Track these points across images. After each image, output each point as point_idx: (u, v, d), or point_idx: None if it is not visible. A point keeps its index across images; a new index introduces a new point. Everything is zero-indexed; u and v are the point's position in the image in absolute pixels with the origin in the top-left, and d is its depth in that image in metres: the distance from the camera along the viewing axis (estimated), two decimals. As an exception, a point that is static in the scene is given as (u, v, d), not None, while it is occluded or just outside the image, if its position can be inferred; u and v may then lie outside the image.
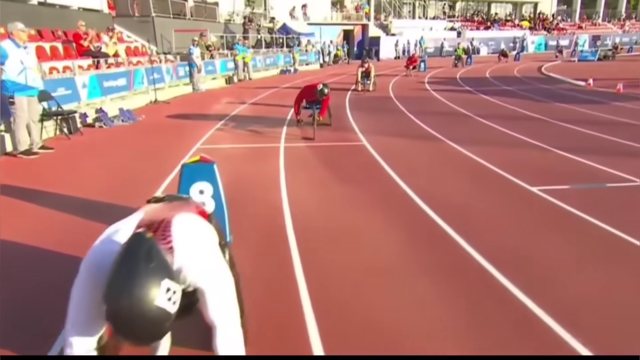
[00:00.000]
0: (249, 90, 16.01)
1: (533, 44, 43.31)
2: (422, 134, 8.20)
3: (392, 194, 5.04)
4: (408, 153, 6.93)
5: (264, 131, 8.54)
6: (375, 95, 14.03)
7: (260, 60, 22.43)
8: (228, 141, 7.87)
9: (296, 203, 4.74)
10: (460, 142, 7.35)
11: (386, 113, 10.64)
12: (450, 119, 9.74)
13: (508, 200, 4.82)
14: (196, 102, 13.11)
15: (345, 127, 8.97)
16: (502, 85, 16.26)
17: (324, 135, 8.12)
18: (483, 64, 27.19)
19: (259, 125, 9.15)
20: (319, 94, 8.10)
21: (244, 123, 9.41)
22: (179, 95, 14.49)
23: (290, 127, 9.02)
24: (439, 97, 13.22)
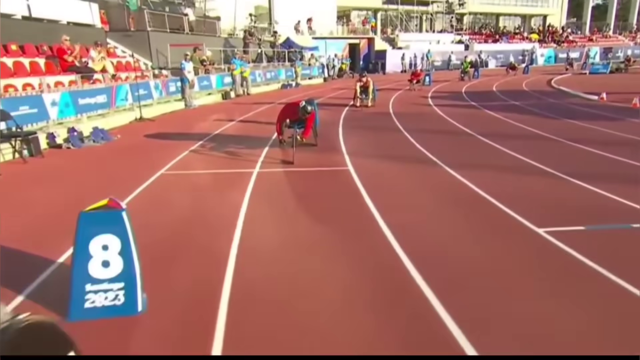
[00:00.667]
0: (244, 106, 15.23)
1: (542, 56, 42.24)
2: (416, 157, 7.25)
3: (366, 236, 4.09)
4: (396, 181, 5.99)
5: (242, 153, 7.66)
6: (374, 111, 13.12)
7: (260, 75, 21.72)
8: (198, 166, 7.00)
9: (247, 252, 3.82)
10: (458, 168, 6.39)
11: (381, 132, 9.72)
12: (450, 139, 8.78)
13: (508, 247, 3.84)
14: (183, 120, 12.34)
15: (332, 147, 8.06)
16: (509, 99, 15.25)
17: (306, 158, 7.22)
18: (490, 77, 26.19)
19: (239, 145, 8.28)
20: (302, 112, 7.22)
21: (223, 143, 8.55)
22: (168, 112, 13.75)
23: (273, 147, 8.15)
24: (440, 114, 12.26)
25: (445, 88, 20.50)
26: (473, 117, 11.36)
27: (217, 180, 6.15)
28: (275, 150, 7.90)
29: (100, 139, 8.88)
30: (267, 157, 7.39)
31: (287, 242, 4.05)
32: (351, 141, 8.61)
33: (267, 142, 8.56)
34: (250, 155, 7.49)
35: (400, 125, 10.39)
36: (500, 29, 45.67)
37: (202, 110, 14.56)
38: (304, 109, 7.16)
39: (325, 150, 7.83)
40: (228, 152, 7.81)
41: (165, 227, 4.43)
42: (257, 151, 7.82)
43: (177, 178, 6.31)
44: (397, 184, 5.86)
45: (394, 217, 4.49)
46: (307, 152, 7.62)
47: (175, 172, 6.56)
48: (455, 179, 5.93)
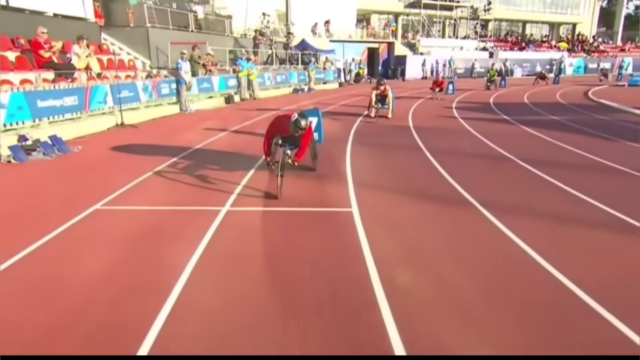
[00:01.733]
0: (245, 112, 13.46)
1: (571, 66, 39.70)
2: (442, 192, 5.33)
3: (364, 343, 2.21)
4: (415, 233, 4.09)
5: (217, 179, 5.84)
6: (390, 123, 11.19)
7: (270, 78, 19.96)
8: (151, 198, 5.20)
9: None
10: (501, 211, 4.48)
11: (398, 151, 7.80)
12: (485, 165, 6.82)
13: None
14: (169, 127, 10.61)
15: (335, 174, 6.19)
16: (546, 113, 13.15)
17: (298, 189, 5.38)
18: (518, 87, 23.99)
19: (218, 167, 6.48)
20: (293, 128, 5.36)
21: (199, 163, 6.75)
22: (159, 117, 12.06)
23: (260, 171, 6.33)
24: (469, 129, 10.28)
25: (471, 98, 18.44)
26: (509, 136, 9.35)
27: (163, 225, 4.33)
28: (260, 176, 6.07)
29: (53, 151, 7.16)
30: (248, 187, 5.56)
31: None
32: (360, 164, 6.73)
33: (254, 163, 6.73)
34: (226, 184, 5.66)
35: (422, 143, 8.45)
36: (527, 37, 43.16)
37: (198, 115, 12.84)
38: (296, 124, 5.30)
39: (326, 178, 5.96)
40: (200, 176, 6.00)
41: (39, 325, 2.62)
42: (238, 176, 5.99)
43: (111, 218, 4.51)
44: (416, 238, 3.96)
45: (406, 307, 2.61)
46: (301, 181, 5.77)
47: (114, 208, 4.78)
48: (498, 231, 4.01)
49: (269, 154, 5.89)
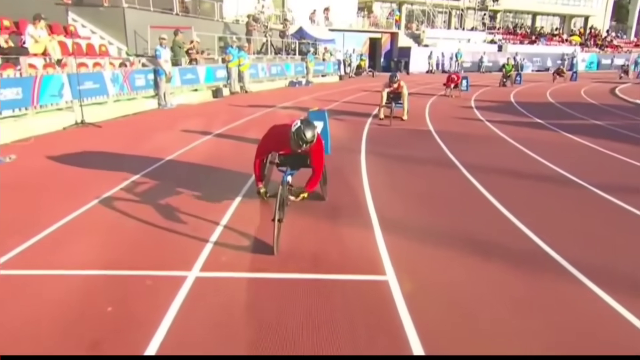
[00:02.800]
0: (235, 109, 11.80)
1: (584, 61, 38.22)
2: (510, 242, 3.75)
3: None
4: (496, 324, 2.48)
5: (186, 215, 4.22)
6: (407, 127, 9.58)
7: (264, 69, 18.26)
8: (77, 253, 3.55)
9: None
10: (591, 269, 2.89)
11: (426, 169, 6.20)
12: (549, 192, 5.24)
13: None
14: (140, 127, 8.95)
15: (351, 206, 4.59)
16: (584, 116, 11.61)
17: (302, 236, 3.78)
18: (535, 84, 22.46)
19: (191, 191, 4.85)
20: (296, 142, 3.76)
21: (167, 185, 5.12)
22: (131, 114, 10.36)
23: (249, 199, 4.71)
24: (502, 135, 8.71)
25: (488, 95, 16.86)
26: (556, 146, 7.78)
27: (89, 310, 2.70)
28: (249, 209, 4.45)
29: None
30: (230, 230, 3.94)
31: None
32: (383, 189, 5.12)
33: (241, 185, 5.11)
34: (199, 224, 4.04)
35: (453, 155, 6.86)
36: (537, 30, 41.61)
37: (179, 112, 11.16)
38: (299, 136, 3.69)
39: (340, 213, 4.36)
40: (163, 209, 4.37)
41: None
42: (217, 210, 4.37)
43: (5, 292, 2.87)
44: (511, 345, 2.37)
45: None
46: (306, 219, 4.16)
47: (16, 273, 3.13)
48: (602, 304, 2.42)
49: (261, 178, 4.28)
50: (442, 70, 33.04)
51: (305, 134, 3.67)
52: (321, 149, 4.11)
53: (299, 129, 3.68)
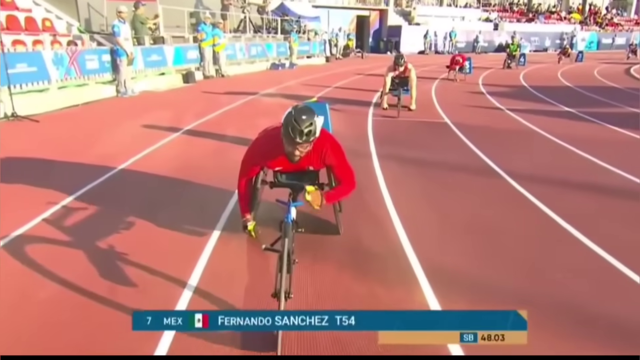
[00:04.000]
0: (210, 97, 10.40)
1: (583, 41, 37.40)
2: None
3: None
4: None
5: (136, 267, 2.92)
6: (417, 118, 8.36)
7: (242, 50, 16.74)
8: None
9: None
10: None
11: (462, 178, 4.97)
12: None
13: None
14: (89, 122, 7.53)
15: (379, 244, 3.35)
16: (616, 102, 10.54)
17: (320, 304, 2.46)
18: (540, 65, 21.46)
19: (146, 223, 3.54)
20: (290, 141, 2.63)
21: (111, 213, 3.79)
22: (82, 104, 8.86)
23: (231, 234, 3.41)
24: (537, 130, 7.56)
25: (495, 79, 15.73)
26: (614, 146, 6.59)
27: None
28: (231, 255, 3.18)
29: None
30: (204, 296, 2.65)
31: None
32: (414, 213, 3.88)
33: (218, 213, 3.81)
34: (154, 286, 2.77)
35: (488, 157, 5.65)
36: (534, 7, 40.65)
37: (142, 101, 9.71)
38: (294, 125, 2.56)
39: (366, 259, 3.10)
40: (99, 261, 3.05)
41: None
42: (184, 258, 3.09)
43: None
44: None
45: None
46: (322, 271, 2.89)
47: None
48: None
49: (249, 207, 3.01)
50: (436, 51, 31.88)
51: (301, 121, 2.51)
52: (335, 145, 2.89)
53: (290, 117, 2.54)
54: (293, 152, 2.64)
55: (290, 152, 2.65)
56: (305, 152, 2.69)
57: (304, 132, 2.51)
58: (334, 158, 2.85)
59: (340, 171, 2.89)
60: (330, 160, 2.85)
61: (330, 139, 2.89)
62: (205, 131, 6.90)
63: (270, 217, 3.60)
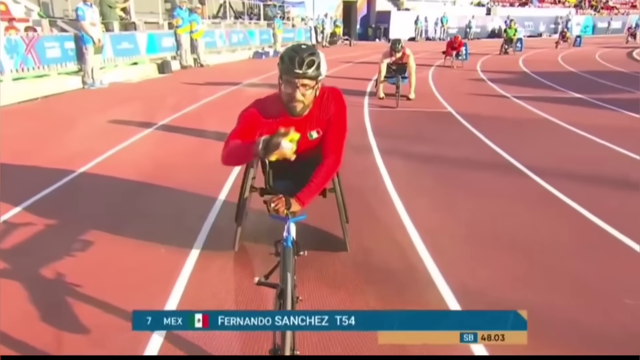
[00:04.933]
0: (188, 88, 9.80)
1: (579, 25, 37.30)
2: None
3: None
4: None
5: (92, 308, 2.33)
6: (418, 108, 7.87)
7: (222, 37, 16.06)
8: None
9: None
10: None
11: (480, 177, 4.46)
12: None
13: None
14: (47, 118, 6.91)
15: (395, 260, 2.82)
16: (627, 87, 10.13)
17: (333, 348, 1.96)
18: (537, 51, 21.16)
19: (108, 241, 2.97)
20: (289, 69, 2.14)
21: (63, 230, 3.21)
22: (41, 97, 8.19)
23: (212, 253, 2.86)
24: (551, 119, 7.09)
25: (493, 65, 15.31)
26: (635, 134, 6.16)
27: None
28: (214, 283, 2.61)
29: None
30: (177, 345, 2.08)
31: None
32: (431, 222, 3.37)
33: (198, 225, 3.26)
34: (114, 329, 2.16)
35: (504, 150, 5.16)
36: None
37: (112, 93, 9.06)
38: (291, 56, 2.15)
39: (384, 282, 2.57)
40: (47, 290, 2.49)
41: None
42: (156, 287, 2.51)
43: None
44: None
45: None
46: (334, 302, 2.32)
47: None
48: None
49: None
50: (427, 37, 31.45)
51: (301, 50, 2.12)
52: (340, 97, 2.43)
53: (287, 50, 2.19)
54: (293, 95, 2.15)
55: (290, 95, 2.16)
56: (309, 101, 2.21)
57: (304, 61, 2.07)
58: (334, 110, 2.36)
59: (334, 134, 2.36)
60: (330, 115, 2.35)
61: (336, 91, 2.41)
62: (182, 126, 6.30)
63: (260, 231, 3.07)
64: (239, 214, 2.84)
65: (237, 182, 3.77)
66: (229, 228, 3.01)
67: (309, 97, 2.19)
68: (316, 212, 2.85)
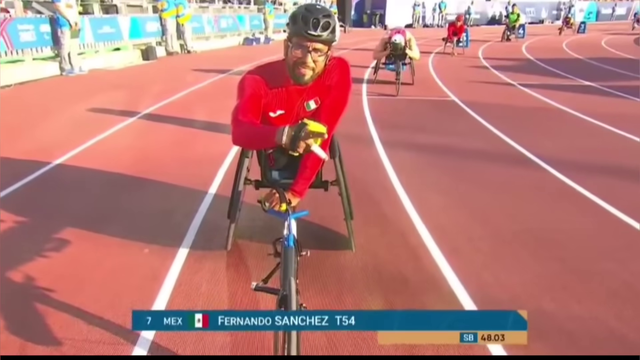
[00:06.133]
0: (173, 76, 9.58)
1: (582, 11, 37.29)
2: None
3: None
4: None
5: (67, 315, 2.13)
6: (419, 96, 7.73)
7: (210, 22, 15.77)
8: None
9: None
10: None
11: (495, 170, 4.28)
12: None
13: None
14: (18, 108, 6.71)
15: (405, 263, 2.65)
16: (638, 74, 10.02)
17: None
18: (540, 37, 21.03)
19: (89, 237, 2.76)
20: (303, 27, 1.91)
21: (38, 224, 3.01)
22: (14, 85, 7.93)
23: (204, 253, 2.66)
24: (562, 108, 6.94)
25: (495, 52, 15.19)
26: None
27: None
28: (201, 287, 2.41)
29: None
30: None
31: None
32: (444, 220, 3.20)
33: (186, 222, 3.07)
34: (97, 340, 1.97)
35: (516, 142, 5.00)
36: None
37: (92, 80, 8.80)
38: (304, 15, 1.91)
39: (396, 288, 2.40)
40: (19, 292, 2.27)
41: None
42: (141, 285, 2.30)
43: None
44: None
45: None
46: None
47: None
48: None
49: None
50: (424, 24, 31.28)
51: (316, 10, 1.90)
52: (346, 70, 2.20)
53: (299, 9, 1.96)
54: (304, 60, 1.94)
55: (300, 60, 1.95)
56: (319, 69, 2.01)
57: (320, 22, 1.87)
58: (337, 79, 2.15)
59: (331, 105, 2.19)
60: (333, 81, 2.15)
61: (343, 61, 2.19)
62: (167, 115, 6.07)
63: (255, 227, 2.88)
64: (232, 210, 2.65)
65: (229, 174, 3.59)
66: (220, 225, 2.83)
67: (320, 64, 1.99)
68: (316, 207, 2.67)
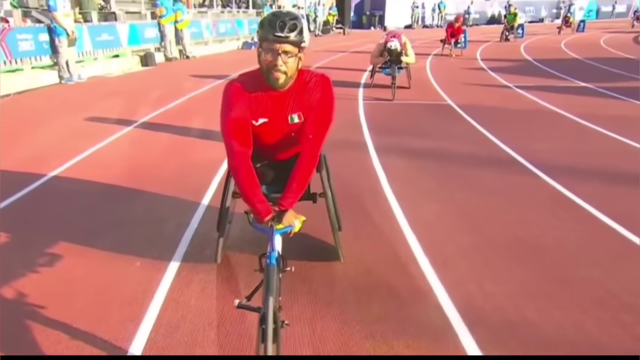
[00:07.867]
0: (172, 82, 9.63)
1: (582, 10, 37.20)
2: None
3: None
4: None
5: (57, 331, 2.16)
6: (414, 100, 7.75)
7: (209, 27, 15.83)
8: None
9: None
10: None
11: (488, 176, 4.30)
12: None
13: None
14: (15, 118, 6.76)
15: (392, 265, 2.67)
16: (636, 75, 10.00)
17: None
18: (538, 37, 21.07)
19: (83, 251, 2.79)
20: (271, 30, 1.98)
21: (30, 241, 3.04)
22: (14, 94, 7.98)
23: (195, 264, 2.68)
24: (557, 111, 6.96)
25: (494, 53, 15.21)
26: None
27: None
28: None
29: None
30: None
31: None
32: (435, 229, 3.23)
33: (179, 233, 3.10)
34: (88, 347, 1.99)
35: (509, 146, 5.02)
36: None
37: (91, 88, 8.87)
38: (272, 20, 2.03)
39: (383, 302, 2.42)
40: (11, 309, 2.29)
41: None
42: (133, 299, 2.33)
43: None
44: None
45: None
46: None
47: None
48: None
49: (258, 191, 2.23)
50: (424, 25, 31.30)
51: (281, 14, 2.00)
52: (328, 87, 2.33)
53: (267, 16, 2.07)
54: (274, 63, 1.98)
55: (271, 63, 1.99)
56: (291, 72, 2.06)
57: (286, 24, 1.94)
58: (320, 96, 2.25)
59: (315, 121, 2.23)
60: (315, 98, 2.23)
61: (324, 78, 2.34)
62: (165, 123, 6.11)
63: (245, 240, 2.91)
64: (220, 223, 2.67)
65: (222, 184, 3.61)
66: (211, 237, 2.86)
67: (291, 67, 2.04)
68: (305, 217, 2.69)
